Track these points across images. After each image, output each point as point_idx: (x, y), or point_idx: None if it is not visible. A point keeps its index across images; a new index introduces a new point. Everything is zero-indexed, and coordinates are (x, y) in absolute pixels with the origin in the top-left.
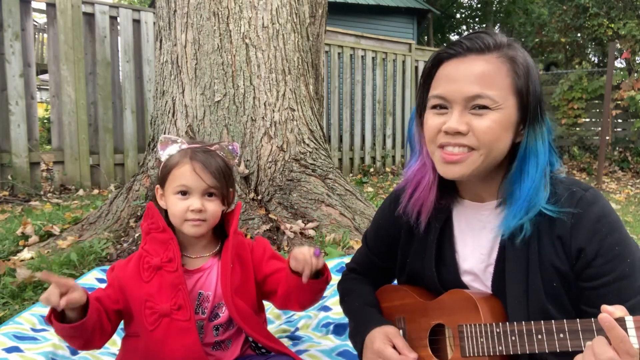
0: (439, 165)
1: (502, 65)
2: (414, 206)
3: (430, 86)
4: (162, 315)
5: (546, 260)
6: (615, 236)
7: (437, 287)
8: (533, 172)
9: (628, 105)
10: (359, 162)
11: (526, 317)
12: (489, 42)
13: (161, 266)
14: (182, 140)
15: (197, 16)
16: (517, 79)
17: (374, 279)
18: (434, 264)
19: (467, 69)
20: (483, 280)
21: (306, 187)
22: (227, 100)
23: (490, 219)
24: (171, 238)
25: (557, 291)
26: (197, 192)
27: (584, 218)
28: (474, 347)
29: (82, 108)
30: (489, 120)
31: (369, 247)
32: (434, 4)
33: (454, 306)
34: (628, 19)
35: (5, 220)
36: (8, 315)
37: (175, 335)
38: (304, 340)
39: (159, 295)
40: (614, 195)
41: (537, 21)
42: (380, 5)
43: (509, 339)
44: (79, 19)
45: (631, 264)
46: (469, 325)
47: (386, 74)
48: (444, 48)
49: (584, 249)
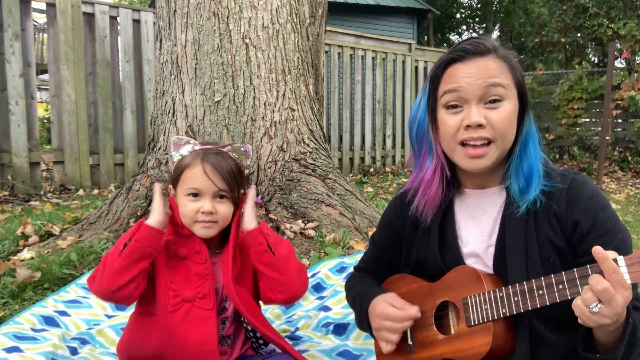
0: (462, 160)
1: (502, 63)
2: (424, 202)
3: (439, 88)
4: (185, 300)
5: (543, 237)
6: (606, 212)
7: (441, 270)
8: (533, 150)
9: (628, 105)
10: (359, 162)
11: None
12: (488, 46)
13: (187, 256)
14: (195, 142)
15: (197, 16)
16: (515, 73)
17: (381, 275)
18: (438, 249)
19: (477, 67)
20: (485, 260)
21: (306, 187)
22: (227, 100)
23: (490, 204)
24: (192, 234)
25: (554, 266)
26: (208, 194)
27: (577, 195)
28: (479, 314)
29: (82, 108)
30: (503, 111)
31: (376, 245)
32: (434, 4)
33: (458, 281)
34: (628, 19)
35: (5, 220)
36: (8, 315)
37: (194, 322)
38: (304, 340)
39: (183, 283)
40: (614, 195)
41: (537, 21)
42: (380, 5)
43: (511, 299)
44: (79, 19)
45: (622, 239)
46: (473, 295)
47: (386, 74)
48: (447, 54)
49: (579, 222)
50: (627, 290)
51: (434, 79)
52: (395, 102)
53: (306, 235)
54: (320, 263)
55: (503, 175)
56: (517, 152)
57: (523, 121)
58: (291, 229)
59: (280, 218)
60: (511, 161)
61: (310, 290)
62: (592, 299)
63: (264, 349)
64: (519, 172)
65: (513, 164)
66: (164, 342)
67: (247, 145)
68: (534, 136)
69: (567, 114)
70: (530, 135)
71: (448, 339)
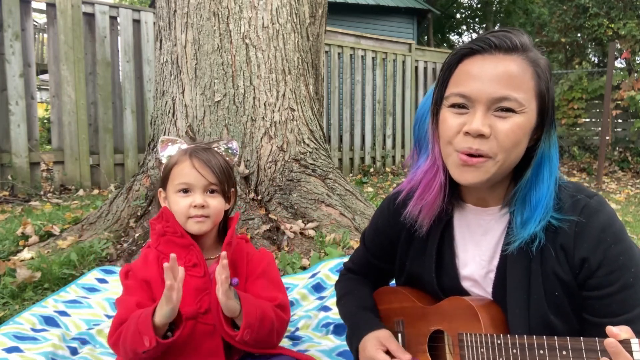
0: (453, 168)
1: (528, 67)
2: (420, 208)
3: (449, 83)
4: (188, 317)
5: (549, 270)
6: (619, 246)
7: (436, 292)
8: (547, 177)
9: (628, 105)
10: (359, 162)
11: (527, 326)
12: (516, 42)
13: (185, 271)
14: (182, 141)
15: (197, 16)
16: (540, 82)
17: (372, 279)
18: (434, 270)
19: (495, 67)
20: (484, 286)
21: (306, 187)
22: (227, 100)
23: (492, 225)
24: (192, 244)
25: (559, 300)
26: (199, 188)
27: (587, 227)
28: (474, 356)
29: (82, 108)
30: (512, 123)
31: (367, 248)
32: (434, 4)
33: (454, 314)
34: (628, 19)
35: (5, 220)
36: (8, 315)
37: (200, 339)
38: (304, 340)
39: (184, 299)
40: (614, 195)
41: (537, 21)
42: (380, 5)
43: (510, 351)
44: (79, 19)
45: (635, 274)
46: (469, 334)
47: (386, 74)
48: (466, 43)
49: (588, 258)
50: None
51: (448, 68)
52: (395, 102)
53: (306, 235)
54: (320, 263)
55: (506, 198)
56: (528, 177)
57: (540, 140)
58: (291, 229)
59: (280, 218)
60: (519, 187)
61: (311, 290)
62: None
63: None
64: (525, 202)
65: (521, 191)
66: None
67: (233, 141)
68: (551, 160)
69: (567, 114)
70: (546, 158)
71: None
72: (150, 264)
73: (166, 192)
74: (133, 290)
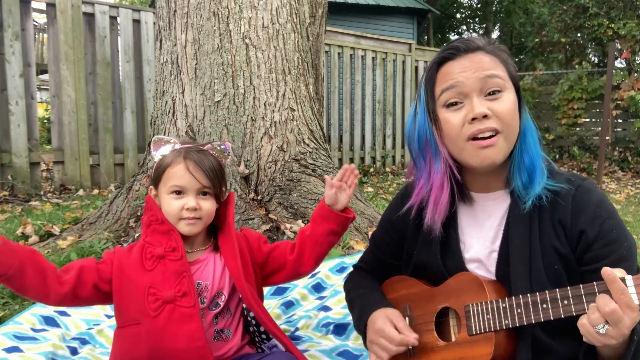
0: (473, 156)
1: (495, 56)
2: (435, 209)
3: (435, 89)
4: (166, 301)
5: (548, 244)
6: (612, 221)
7: (443, 275)
8: (533, 143)
9: (628, 105)
10: (359, 162)
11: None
12: (478, 43)
13: (164, 255)
14: (175, 141)
15: (197, 16)
16: (508, 66)
17: (380, 276)
18: (440, 253)
19: (471, 61)
20: (487, 266)
21: (306, 187)
22: (227, 100)
23: (495, 208)
24: (172, 229)
25: (558, 274)
26: (192, 191)
27: (584, 203)
28: (480, 324)
29: (82, 108)
30: (505, 101)
31: (376, 245)
32: (434, 4)
33: (460, 288)
34: (628, 19)
35: (5, 220)
36: (8, 315)
37: (179, 322)
38: (304, 340)
39: (163, 283)
40: (614, 195)
41: (537, 21)
42: (380, 5)
43: (514, 311)
44: (79, 19)
45: (628, 248)
46: (475, 304)
47: (386, 74)
48: (437, 55)
49: (585, 231)
50: (634, 312)
51: (429, 81)
52: (395, 102)
53: None
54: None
55: (507, 175)
56: (517, 146)
57: (521, 115)
58: (291, 229)
59: (280, 218)
60: (513, 157)
61: (310, 290)
62: (599, 320)
63: (266, 344)
64: (521, 166)
65: (515, 160)
66: (154, 348)
67: (226, 143)
68: (532, 129)
69: (567, 114)
70: (528, 128)
71: (449, 346)
72: (133, 252)
73: (157, 191)
74: (103, 262)
